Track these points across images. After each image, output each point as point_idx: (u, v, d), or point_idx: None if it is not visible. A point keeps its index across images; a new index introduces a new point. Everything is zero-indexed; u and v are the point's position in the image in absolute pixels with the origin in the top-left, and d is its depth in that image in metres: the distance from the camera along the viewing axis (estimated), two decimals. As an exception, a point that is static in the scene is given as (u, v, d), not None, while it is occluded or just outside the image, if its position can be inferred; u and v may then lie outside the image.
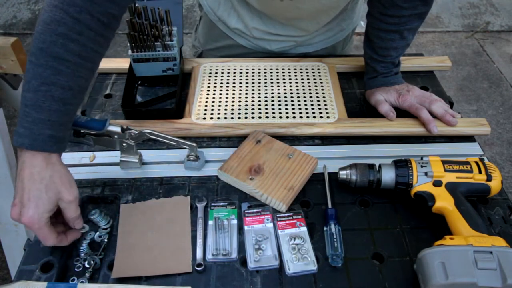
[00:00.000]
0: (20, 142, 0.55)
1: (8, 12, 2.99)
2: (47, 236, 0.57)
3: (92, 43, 0.58)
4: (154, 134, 0.69)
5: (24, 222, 0.55)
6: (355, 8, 1.00)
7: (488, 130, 0.82)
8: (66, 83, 0.56)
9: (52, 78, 0.55)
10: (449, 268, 0.52)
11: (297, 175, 0.71)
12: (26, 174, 0.55)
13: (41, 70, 0.55)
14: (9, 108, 1.89)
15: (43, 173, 0.55)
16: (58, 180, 0.57)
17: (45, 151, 0.56)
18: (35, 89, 0.55)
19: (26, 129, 0.55)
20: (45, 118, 0.55)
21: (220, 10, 0.96)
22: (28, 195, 0.55)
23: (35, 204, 0.55)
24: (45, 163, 0.56)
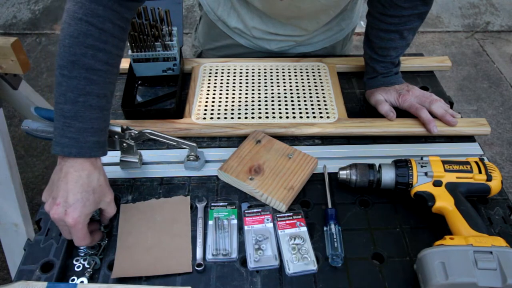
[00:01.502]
0: (67, 152, 0.58)
1: (8, 12, 2.99)
2: (86, 236, 0.59)
3: (116, 49, 0.62)
4: (154, 134, 0.69)
5: (70, 222, 0.56)
6: (355, 8, 1.00)
7: (488, 130, 0.82)
8: (100, 91, 0.60)
9: (88, 89, 0.58)
10: (449, 268, 0.52)
11: (297, 175, 0.71)
12: (73, 177, 0.58)
13: (76, 82, 0.58)
14: (9, 108, 1.89)
15: (91, 177, 0.59)
16: (103, 183, 0.61)
17: (91, 157, 0.59)
18: (73, 101, 0.58)
19: (71, 139, 0.58)
20: (88, 127, 0.59)
21: (220, 10, 0.96)
22: (75, 196, 0.57)
23: (83, 205, 0.57)
24: (92, 168, 0.59)
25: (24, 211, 1.22)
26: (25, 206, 1.24)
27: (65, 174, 0.58)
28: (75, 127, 0.58)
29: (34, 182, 1.86)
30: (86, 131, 0.59)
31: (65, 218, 0.56)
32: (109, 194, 0.61)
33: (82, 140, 0.58)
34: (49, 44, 2.70)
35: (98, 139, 0.60)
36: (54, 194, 0.58)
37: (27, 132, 0.66)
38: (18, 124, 2.04)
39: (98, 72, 0.59)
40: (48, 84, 2.38)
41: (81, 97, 0.58)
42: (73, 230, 0.57)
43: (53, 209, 0.57)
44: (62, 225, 0.58)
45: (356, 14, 1.03)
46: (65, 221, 0.57)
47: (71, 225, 0.57)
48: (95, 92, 0.59)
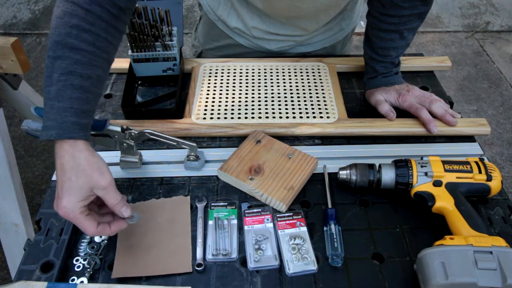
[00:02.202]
0: (48, 135, 0.55)
1: (8, 12, 2.98)
2: (85, 226, 0.55)
3: (105, 33, 0.59)
4: (154, 134, 0.69)
5: (60, 213, 0.54)
6: (355, 8, 1.00)
7: (488, 130, 0.82)
8: (84, 72, 0.57)
9: (70, 68, 0.56)
10: (449, 268, 0.52)
11: (297, 175, 0.71)
12: (58, 166, 0.56)
13: (60, 62, 0.56)
14: (9, 108, 1.89)
15: (71, 161, 0.55)
16: (87, 167, 0.55)
17: (70, 138, 0.56)
18: (55, 81, 0.56)
19: (52, 120, 0.56)
20: (68, 106, 0.56)
21: (220, 10, 0.96)
22: (61, 186, 0.55)
23: (67, 194, 0.54)
24: (71, 151, 0.56)
25: (24, 211, 1.22)
26: (25, 206, 1.24)
27: (56, 165, 0.56)
28: (55, 108, 0.56)
29: (34, 182, 1.86)
30: (66, 111, 0.56)
31: (58, 211, 0.55)
32: (101, 180, 0.56)
33: (60, 121, 0.55)
34: (49, 44, 2.70)
35: (77, 120, 0.56)
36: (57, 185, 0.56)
37: (27, 132, 0.66)
38: (18, 124, 2.04)
39: (82, 52, 0.57)
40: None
41: (63, 76, 0.56)
42: (70, 220, 0.55)
43: (54, 204, 0.56)
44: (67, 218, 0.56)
45: (356, 14, 1.03)
46: (59, 214, 0.55)
47: (64, 216, 0.55)
48: (78, 71, 0.57)
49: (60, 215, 0.55)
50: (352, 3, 0.96)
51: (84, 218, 0.55)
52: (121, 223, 0.59)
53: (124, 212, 0.58)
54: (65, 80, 0.56)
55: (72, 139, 0.56)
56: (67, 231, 0.64)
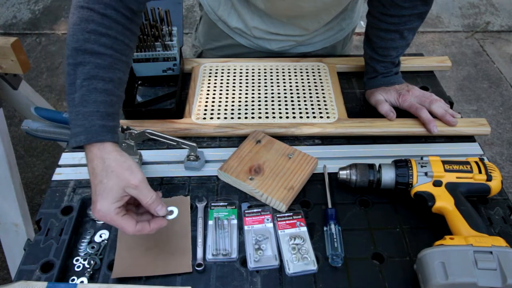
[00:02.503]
0: (77, 142, 0.56)
1: (8, 12, 2.98)
2: (123, 226, 0.55)
3: (122, 36, 0.60)
4: (154, 134, 0.69)
5: (98, 217, 0.55)
6: (355, 7, 1.00)
7: (488, 130, 0.82)
8: (106, 75, 0.58)
9: (92, 72, 0.57)
10: (449, 268, 0.52)
11: (297, 175, 0.71)
12: (90, 171, 0.56)
13: (81, 68, 0.57)
14: (9, 108, 1.89)
15: (101, 165, 0.55)
16: (116, 168, 0.55)
17: (99, 141, 0.56)
18: (79, 87, 0.56)
19: (79, 126, 0.56)
20: (94, 110, 0.56)
21: (220, 10, 0.96)
22: (94, 190, 0.55)
23: (101, 197, 0.54)
24: (100, 154, 0.56)
25: (24, 211, 1.22)
26: (25, 206, 1.24)
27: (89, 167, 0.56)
28: (82, 113, 0.56)
29: (34, 182, 1.85)
30: (92, 115, 0.56)
31: (95, 215, 0.55)
32: (132, 179, 0.55)
33: (88, 125, 0.56)
34: (49, 44, 2.70)
35: (104, 123, 0.57)
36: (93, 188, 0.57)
37: (27, 132, 0.66)
38: (18, 124, 2.04)
39: (102, 56, 0.58)
40: (48, 84, 2.38)
41: (86, 81, 0.56)
42: (107, 222, 0.55)
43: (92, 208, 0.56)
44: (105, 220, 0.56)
45: (356, 14, 1.03)
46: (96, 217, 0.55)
47: (101, 219, 0.55)
48: (100, 75, 0.57)
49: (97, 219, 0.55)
50: (353, 3, 0.96)
51: (121, 219, 0.55)
52: (161, 220, 0.58)
53: (159, 211, 0.57)
54: (88, 85, 0.56)
55: (100, 142, 0.56)
56: (67, 231, 0.64)
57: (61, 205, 0.69)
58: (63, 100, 2.28)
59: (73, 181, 0.73)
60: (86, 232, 0.66)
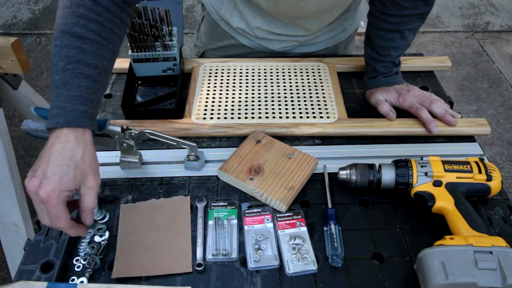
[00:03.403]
0: (54, 123, 0.54)
1: (8, 12, 2.99)
2: (60, 215, 0.53)
3: (110, 24, 0.60)
4: (154, 134, 0.69)
5: (42, 195, 0.52)
6: (358, 8, 1.00)
7: (488, 130, 0.82)
8: (91, 61, 0.57)
9: (78, 57, 0.56)
10: (449, 268, 0.52)
11: (297, 175, 0.71)
12: (56, 148, 0.54)
13: (67, 51, 0.56)
14: (9, 108, 1.89)
15: (76, 150, 0.54)
16: (87, 162, 0.55)
17: (79, 127, 0.55)
18: (63, 69, 0.56)
19: (59, 108, 0.55)
20: (77, 94, 0.56)
21: (223, 10, 0.96)
22: (54, 168, 0.53)
23: (59, 179, 0.52)
24: (78, 140, 0.55)
25: (24, 211, 1.22)
26: (25, 206, 1.24)
27: (50, 146, 0.54)
28: (63, 95, 0.55)
29: (34, 182, 1.85)
30: (74, 99, 0.55)
31: (38, 191, 0.52)
32: (92, 179, 0.55)
33: (69, 108, 0.55)
34: (49, 44, 2.70)
35: (87, 109, 0.56)
36: (36, 167, 0.54)
37: (27, 132, 0.66)
38: (18, 124, 2.04)
39: (89, 41, 0.57)
40: (48, 84, 2.38)
41: (71, 65, 0.56)
42: (47, 206, 0.52)
43: (30, 181, 0.53)
44: (37, 201, 0.53)
45: (359, 15, 1.03)
46: (38, 194, 0.52)
47: (44, 199, 0.52)
48: (85, 60, 0.57)
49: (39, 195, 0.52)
50: (356, 3, 0.97)
51: (62, 208, 0.53)
52: (83, 229, 0.57)
53: (88, 220, 0.56)
54: (73, 68, 0.56)
55: (81, 128, 0.55)
56: (67, 231, 0.64)
57: (61, 205, 0.68)
58: (63, 100, 2.28)
59: (73, 181, 0.73)
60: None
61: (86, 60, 0.57)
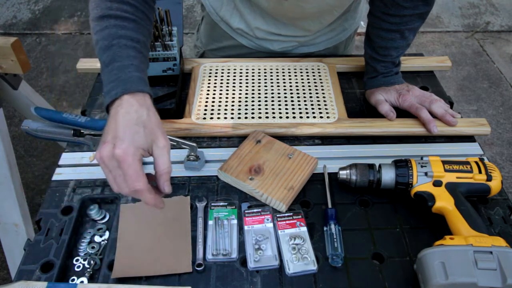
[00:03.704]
0: (112, 95, 0.54)
1: (8, 12, 2.99)
2: (138, 175, 0.51)
3: (142, 6, 0.63)
4: (154, 134, 0.69)
5: (118, 153, 0.50)
6: (358, 8, 1.00)
7: (488, 130, 0.82)
8: (133, 35, 0.60)
9: (120, 33, 0.59)
10: (449, 268, 0.52)
11: (297, 175, 0.71)
12: (121, 113, 0.53)
13: (107, 31, 0.59)
14: (9, 108, 1.89)
15: (140, 111, 0.54)
16: (154, 122, 0.54)
17: (138, 91, 0.55)
18: (108, 47, 0.58)
19: (114, 81, 0.56)
20: (128, 63, 0.57)
21: (222, 10, 0.96)
22: (124, 129, 0.52)
23: (132, 137, 0.51)
24: (140, 103, 0.55)
25: (24, 211, 1.22)
26: (25, 206, 1.24)
27: (114, 115, 0.53)
28: (115, 68, 0.56)
29: (34, 182, 1.86)
30: (127, 68, 0.56)
31: (113, 152, 0.50)
32: (162, 138, 0.54)
33: (124, 77, 0.55)
34: (49, 44, 2.70)
35: (140, 75, 0.57)
36: (104, 138, 0.52)
37: (27, 132, 0.66)
38: (18, 124, 2.04)
39: (126, 20, 0.60)
40: (48, 84, 2.39)
41: (115, 40, 0.58)
42: (123, 166, 0.50)
43: (101, 149, 0.51)
44: (113, 167, 0.51)
45: (359, 15, 1.03)
46: (114, 154, 0.50)
47: (120, 158, 0.50)
48: (127, 35, 0.59)
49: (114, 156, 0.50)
50: (356, 3, 0.97)
51: (139, 166, 0.51)
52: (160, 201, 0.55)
53: (167, 187, 0.54)
54: (118, 43, 0.58)
55: (140, 92, 0.55)
56: (67, 231, 0.64)
57: (61, 205, 0.69)
58: (63, 100, 2.28)
59: (73, 181, 0.73)
60: (86, 232, 0.66)
61: (128, 34, 0.59)
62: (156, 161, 0.53)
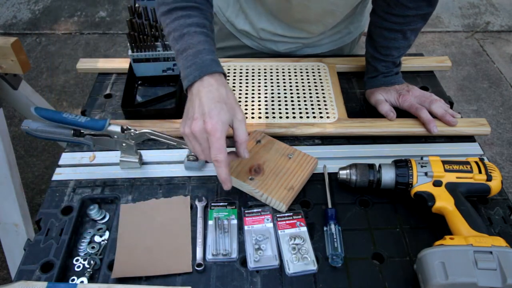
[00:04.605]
0: (191, 79, 0.62)
1: (8, 12, 2.99)
2: (222, 147, 0.59)
3: None
4: (154, 134, 0.69)
5: (210, 128, 0.58)
6: (364, 11, 1.00)
7: (488, 130, 0.82)
8: (199, 21, 0.66)
9: (188, 21, 0.65)
10: (449, 268, 0.52)
11: (297, 175, 0.71)
12: (204, 92, 0.60)
13: (177, 22, 0.66)
14: (9, 108, 1.89)
15: (220, 90, 0.61)
16: (232, 99, 0.62)
17: (214, 72, 0.62)
18: (180, 37, 0.65)
19: (190, 66, 0.63)
20: (201, 49, 0.63)
21: (229, 11, 0.97)
22: (210, 106, 0.59)
23: (218, 113, 0.59)
24: (219, 83, 0.62)
25: (24, 211, 1.22)
26: (25, 206, 1.24)
27: (196, 93, 0.61)
28: (190, 55, 0.63)
29: (34, 182, 1.86)
30: (200, 53, 0.63)
31: (204, 126, 0.58)
32: (240, 112, 0.62)
33: (200, 62, 0.62)
34: (49, 44, 2.70)
35: (213, 57, 0.64)
36: (190, 114, 0.60)
37: (27, 132, 0.66)
38: (18, 124, 2.04)
39: (191, 9, 0.66)
40: (48, 84, 2.38)
41: (185, 29, 0.64)
42: (212, 139, 0.58)
43: (193, 124, 0.59)
44: (203, 139, 0.59)
45: (365, 18, 1.02)
46: (205, 129, 0.58)
47: (210, 132, 0.58)
48: (195, 22, 0.65)
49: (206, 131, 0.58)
50: (362, 6, 0.96)
51: (225, 141, 0.59)
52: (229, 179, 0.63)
53: (246, 154, 0.64)
54: (188, 32, 0.64)
55: (216, 73, 0.62)
56: (67, 231, 0.64)
57: (61, 205, 0.69)
58: (63, 100, 2.28)
59: (73, 181, 0.73)
60: (86, 232, 0.66)
61: (195, 21, 0.65)
62: (236, 132, 0.62)
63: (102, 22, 2.89)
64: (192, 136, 0.60)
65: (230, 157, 0.64)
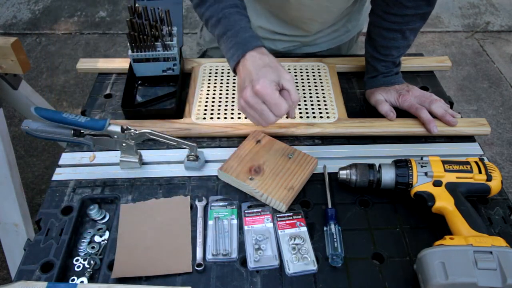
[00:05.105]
0: (235, 59, 0.67)
1: (8, 12, 2.99)
2: (279, 100, 0.62)
3: None
4: (154, 134, 0.69)
5: (258, 89, 0.61)
6: (362, 10, 1.00)
7: (488, 130, 0.82)
8: (231, 2, 0.71)
9: (221, 6, 0.71)
10: (449, 268, 0.52)
11: (297, 175, 0.71)
12: (249, 63, 0.66)
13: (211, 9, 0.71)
14: (9, 108, 1.89)
15: (264, 58, 0.66)
16: (276, 63, 0.66)
17: (256, 47, 0.67)
18: (217, 22, 0.71)
19: (232, 47, 0.68)
20: (238, 28, 0.69)
21: None
22: (255, 72, 0.64)
23: (264, 74, 0.63)
24: (261, 53, 0.67)
25: (24, 211, 1.22)
26: (25, 206, 1.24)
27: (243, 66, 0.66)
28: (230, 36, 0.68)
29: (34, 182, 1.86)
30: (239, 32, 0.68)
31: (254, 90, 0.62)
32: (286, 74, 0.65)
33: (240, 41, 0.67)
34: (49, 44, 2.70)
35: (252, 34, 0.69)
36: (242, 86, 0.65)
37: (27, 132, 0.66)
38: (18, 124, 2.04)
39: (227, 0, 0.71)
40: (48, 84, 2.38)
41: (220, 13, 0.70)
42: (266, 98, 0.62)
43: (243, 93, 0.63)
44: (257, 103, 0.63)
45: (363, 17, 1.03)
46: (255, 92, 0.62)
47: (261, 92, 0.61)
48: (228, 5, 0.70)
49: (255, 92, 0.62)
50: (359, 4, 0.96)
51: (278, 95, 0.63)
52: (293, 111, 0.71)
53: (294, 114, 0.72)
54: (223, 15, 0.70)
55: (257, 47, 0.67)
56: (67, 231, 0.64)
57: (61, 205, 0.69)
58: (63, 100, 2.28)
59: (73, 181, 0.73)
60: (86, 232, 0.66)
61: (227, 3, 0.71)
62: (287, 89, 0.65)
63: (102, 22, 2.89)
64: (246, 104, 0.64)
65: None
